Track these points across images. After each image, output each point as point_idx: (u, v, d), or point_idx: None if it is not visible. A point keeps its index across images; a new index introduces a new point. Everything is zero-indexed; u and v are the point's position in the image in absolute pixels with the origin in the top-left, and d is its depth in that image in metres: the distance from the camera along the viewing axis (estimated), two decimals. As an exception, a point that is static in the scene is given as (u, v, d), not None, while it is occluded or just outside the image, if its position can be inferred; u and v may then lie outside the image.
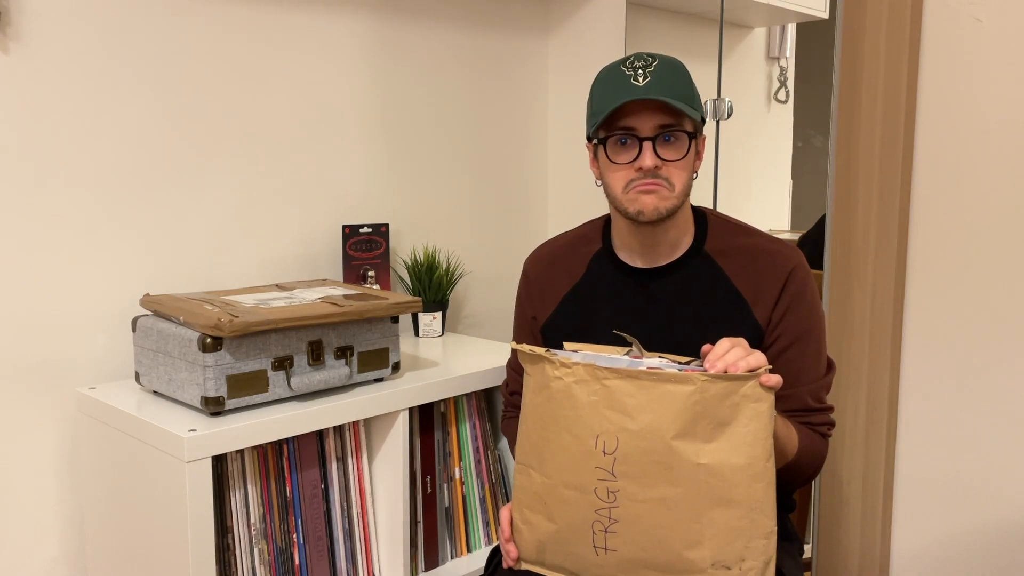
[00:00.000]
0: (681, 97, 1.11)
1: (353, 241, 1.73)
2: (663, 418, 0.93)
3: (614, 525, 0.98)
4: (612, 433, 0.95)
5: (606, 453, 0.96)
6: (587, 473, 0.97)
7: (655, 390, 0.93)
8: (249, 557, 1.29)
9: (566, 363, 0.97)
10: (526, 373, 1.04)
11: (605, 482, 0.97)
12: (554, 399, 0.99)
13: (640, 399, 0.94)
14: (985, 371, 1.51)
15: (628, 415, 0.95)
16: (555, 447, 1.00)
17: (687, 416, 0.93)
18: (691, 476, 0.94)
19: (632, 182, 1.13)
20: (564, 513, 1.01)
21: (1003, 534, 1.53)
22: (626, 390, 0.94)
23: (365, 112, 1.79)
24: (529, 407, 1.03)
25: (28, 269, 1.37)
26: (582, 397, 0.97)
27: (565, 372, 0.98)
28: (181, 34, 1.51)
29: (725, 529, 0.95)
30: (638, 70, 1.12)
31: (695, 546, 0.95)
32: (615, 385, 0.95)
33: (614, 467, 0.96)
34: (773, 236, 1.23)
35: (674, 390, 0.93)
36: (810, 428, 1.18)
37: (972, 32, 1.48)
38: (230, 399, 1.23)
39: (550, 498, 1.01)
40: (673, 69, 1.13)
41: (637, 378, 0.94)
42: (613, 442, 0.95)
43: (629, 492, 0.96)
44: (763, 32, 1.95)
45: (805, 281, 1.19)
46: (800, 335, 1.18)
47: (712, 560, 0.95)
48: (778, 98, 1.95)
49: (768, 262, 1.19)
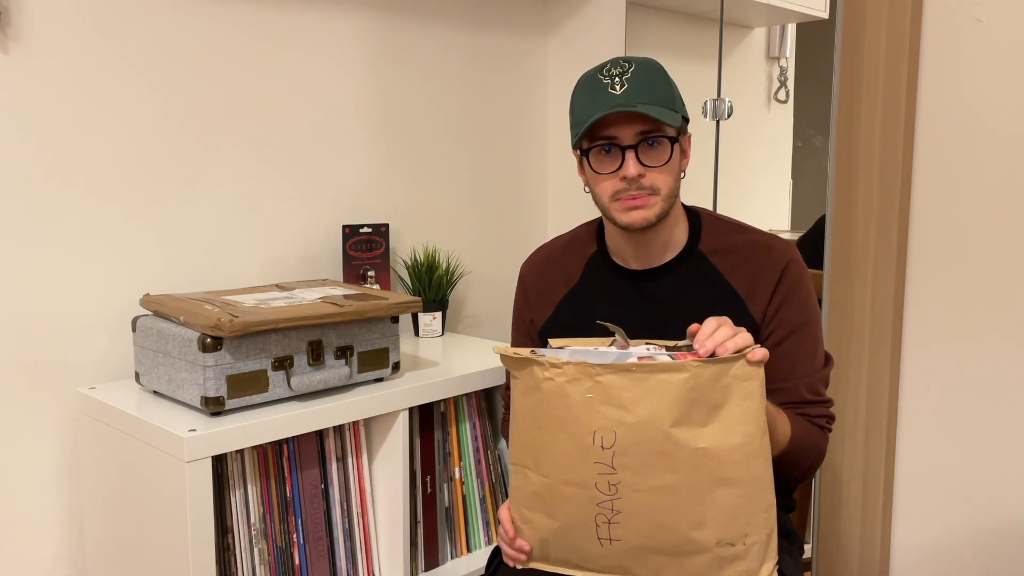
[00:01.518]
0: (660, 101, 1.11)
1: (353, 241, 1.73)
2: (659, 408, 0.94)
3: (617, 516, 0.98)
4: (609, 428, 0.96)
5: (604, 448, 0.96)
6: (586, 469, 0.98)
7: (649, 381, 0.94)
8: (249, 557, 1.29)
9: (555, 363, 0.97)
10: (512, 377, 1.03)
11: (605, 476, 0.97)
12: (546, 400, 0.99)
13: (635, 391, 0.94)
14: (985, 370, 1.51)
15: (624, 408, 0.95)
16: (551, 447, 1.00)
17: (683, 403, 0.93)
18: (691, 461, 0.95)
19: (618, 193, 1.13)
20: (565, 509, 1.01)
21: (1003, 533, 1.53)
22: (620, 384, 0.95)
23: (365, 112, 1.79)
24: (520, 409, 1.03)
25: (28, 269, 1.37)
26: (576, 396, 0.97)
27: (556, 372, 0.97)
28: (181, 34, 1.51)
29: (727, 508, 0.96)
30: (615, 78, 1.11)
31: (699, 527, 0.96)
32: (608, 380, 0.95)
33: (613, 460, 0.96)
34: (767, 232, 1.24)
35: (668, 379, 0.93)
36: (808, 420, 1.18)
37: (972, 32, 1.48)
38: (230, 399, 1.23)
39: (549, 496, 1.02)
40: (650, 73, 1.13)
41: (630, 371, 0.94)
42: (611, 436, 0.96)
43: (630, 483, 0.96)
44: (763, 32, 1.95)
45: (800, 275, 1.20)
46: (795, 328, 1.18)
47: (717, 539, 0.97)
48: (778, 98, 1.95)
49: (763, 258, 1.20)
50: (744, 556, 0.98)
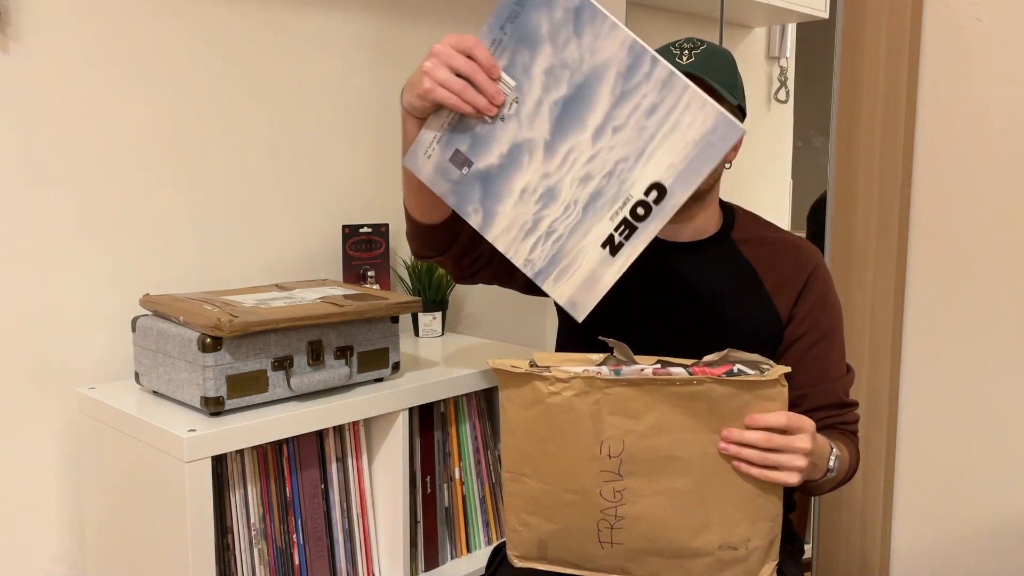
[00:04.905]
0: (721, 81, 1.13)
1: (353, 241, 1.73)
2: (669, 415, 0.93)
3: (620, 522, 0.98)
4: (618, 437, 0.95)
5: (612, 456, 0.96)
6: (590, 477, 0.97)
7: (659, 392, 0.94)
8: (249, 557, 1.29)
9: (561, 378, 0.96)
10: (504, 388, 1.02)
11: (611, 483, 0.97)
12: (551, 413, 0.98)
13: (644, 400, 0.94)
14: (985, 371, 1.51)
15: (633, 417, 0.94)
16: (554, 457, 0.99)
17: (693, 412, 0.93)
18: (699, 465, 0.94)
19: None
20: (565, 515, 1.00)
21: (1003, 533, 1.53)
22: (629, 395, 0.94)
23: (365, 111, 1.79)
24: (516, 421, 1.01)
25: (28, 269, 1.37)
26: (583, 408, 0.96)
27: (562, 387, 0.97)
28: (181, 34, 1.51)
29: (732, 513, 0.96)
30: (684, 50, 1.15)
31: (703, 531, 0.96)
32: (617, 392, 0.95)
33: (620, 468, 0.96)
34: (794, 233, 1.28)
35: (680, 390, 0.93)
36: (844, 429, 1.20)
37: (972, 32, 1.48)
38: (230, 399, 1.23)
39: (549, 502, 1.01)
40: (719, 55, 1.17)
41: (640, 384, 0.94)
42: (619, 445, 0.95)
43: (636, 488, 0.96)
44: (763, 32, 1.95)
45: (828, 279, 1.24)
46: (827, 332, 1.21)
47: (720, 543, 0.97)
48: (778, 98, 1.95)
49: (792, 255, 1.23)
50: (745, 559, 0.98)
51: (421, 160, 1.02)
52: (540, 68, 0.95)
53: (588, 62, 0.94)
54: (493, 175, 1.00)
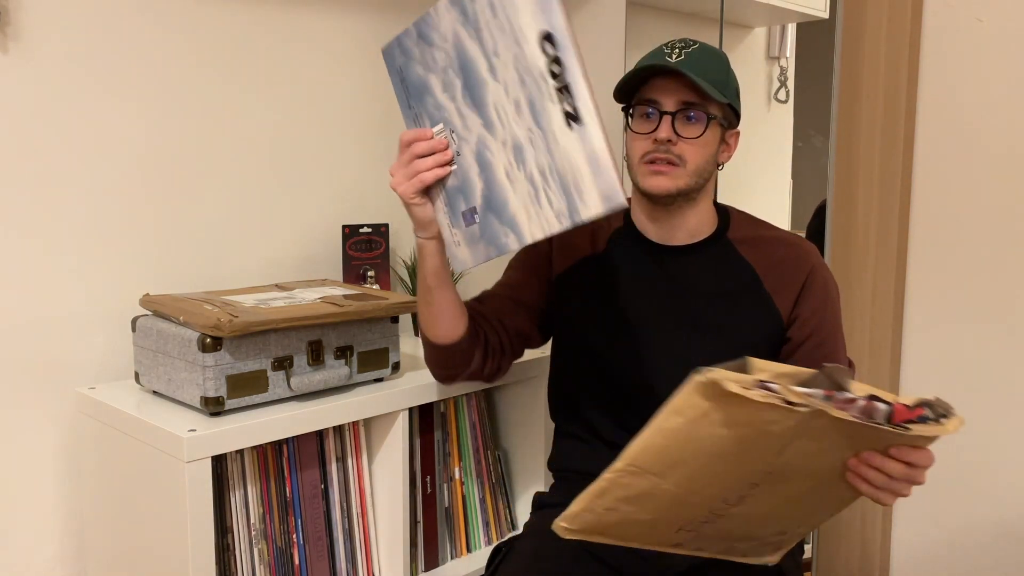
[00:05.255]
0: (711, 80, 1.13)
1: (353, 241, 1.73)
2: (836, 438, 0.84)
3: (719, 519, 0.91)
4: (788, 459, 0.84)
5: (769, 472, 0.86)
6: (731, 488, 0.87)
7: (848, 428, 0.82)
8: (249, 557, 1.29)
9: (793, 409, 0.77)
10: (710, 402, 0.78)
11: (744, 489, 0.88)
12: (750, 436, 0.81)
13: (833, 430, 0.83)
14: (985, 371, 1.51)
15: (815, 440, 0.83)
16: (708, 471, 0.85)
17: (857, 438, 0.85)
18: (821, 475, 0.89)
19: (647, 154, 1.16)
20: (672, 511, 0.90)
21: (1003, 533, 1.53)
22: (829, 426, 0.82)
23: (365, 111, 1.79)
24: (694, 434, 0.82)
25: (28, 269, 1.37)
26: (784, 434, 0.81)
27: (786, 415, 0.78)
28: (181, 34, 1.51)
29: (808, 510, 0.95)
30: (675, 49, 1.16)
31: (775, 523, 0.96)
32: (821, 424, 0.81)
33: (764, 478, 0.87)
34: (790, 231, 1.28)
35: (863, 430, 0.82)
36: None
37: (972, 32, 1.48)
38: (230, 399, 1.23)
39: (664, 499, 0.88)
40: (710, 54, 1.17)
41: (842, 419, 0.80)
42: (782, 461, 0.85)
43: (760, 495, 0.88)
44: (763, 32, 1.95)
45: (827, 275, 1.24)
46: (832, 330, 1.22)
47: (779, 531, 0.96)
48: (778, 98, 1.95)
49: (790, 254, 1.23)
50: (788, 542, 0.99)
51: (459, 252, 1.10)
52: (439, 92, 1.07)
53: (449, 46, 1.04)
54: (488, 195, 1.04)
